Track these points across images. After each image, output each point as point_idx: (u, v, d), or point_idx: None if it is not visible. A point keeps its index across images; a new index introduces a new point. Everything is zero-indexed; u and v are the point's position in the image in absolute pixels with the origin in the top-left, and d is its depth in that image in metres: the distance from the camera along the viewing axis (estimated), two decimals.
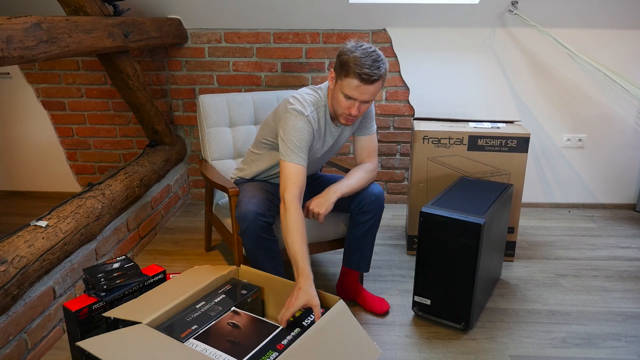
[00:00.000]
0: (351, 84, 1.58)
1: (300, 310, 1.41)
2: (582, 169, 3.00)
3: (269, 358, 1.23)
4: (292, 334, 1.34)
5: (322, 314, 1.38)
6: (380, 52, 1.61)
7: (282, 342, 1.30)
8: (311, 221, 1.91)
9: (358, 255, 1.91)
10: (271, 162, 1.88)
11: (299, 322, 1.40)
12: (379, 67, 1.57)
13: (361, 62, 1.55)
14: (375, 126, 1.90)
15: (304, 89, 1.76)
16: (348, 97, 1.61)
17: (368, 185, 1.85)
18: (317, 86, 1.78)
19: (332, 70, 1.68)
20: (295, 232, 1.53)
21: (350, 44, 1.61)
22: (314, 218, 1.71)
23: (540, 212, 3.01)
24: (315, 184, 1.98)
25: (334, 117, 1.76)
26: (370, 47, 1.60)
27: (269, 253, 1.72)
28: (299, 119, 1.67)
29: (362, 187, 1.83)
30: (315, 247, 1.97)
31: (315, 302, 1.39)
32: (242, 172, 2.00)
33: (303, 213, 1.62)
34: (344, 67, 1.58)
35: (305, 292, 1.40)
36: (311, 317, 1.43)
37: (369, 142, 1.89)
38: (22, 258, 1.54)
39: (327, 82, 1.76)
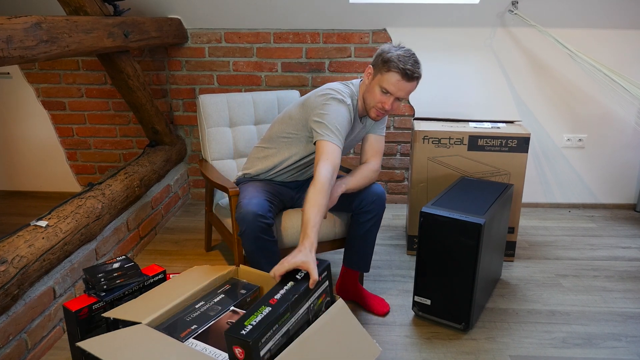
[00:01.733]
0: (392, 79, 1.66)
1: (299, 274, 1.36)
2: (583, 169, 3.00)
3: (261, 313, 1.21)
4: (286, 287, 1.31)
5: (321, 282, 1.35)
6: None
7: (275, 297, 1.27)
8: None
9: (358, 255, 1.91)
10: (289, 153, 1.89)
11: (292, 276, 1.37)
12: (419, 68, 1.69)
13: (405, 59, 1.65)
14: (385, 130, 1.93)
15: (335, 84, 1.82)
16: (385, 92, 1.69)
17: (370, 185, 1.85)
18: (348, 82, 1.85)
19: (369, 66, 1.75)
20: (314, 203, 1.52)
21: (389, 45, 1.72)
22: None
23: (541, 212, 3.01)
24: (304, 182, 1.99)
25: (361, 113, 1.83)
26: (411, 50, 1.71)
27: (268, 254, 1.72)
28: (341, 105, 1.73)
29: (365, 186, 1.84)
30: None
31: (312, 266, 1.34)
32: (248, 169, 1.99)
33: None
34: (386, 62, 1.67)
35: (304, 254, 1.38)
36: (303, 272, 1.38)
37: (377, 141, 1.91)
38: (22, 258, 1.54)
39: (358, 79, 1.85)
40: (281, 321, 1.22)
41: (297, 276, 1.37)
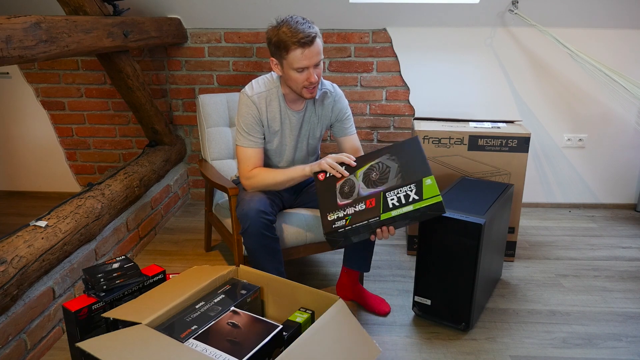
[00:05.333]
0: (296, 56, 1.62)
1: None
2: (583, 169, 3.00)
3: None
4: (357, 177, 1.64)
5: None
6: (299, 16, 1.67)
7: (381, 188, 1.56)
8: (310, 219, 1.92)
9: (358, 255, 1.91)
10: (279, 157, 1.90)
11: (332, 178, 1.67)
12: (310, 26, 1.63)
13: (292, 31, 1.60)
14: (355, 129, 1.94)
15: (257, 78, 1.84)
16: (301, 70, 1.65)
17: None
18: (269, 74, 1.84)
19: (271, 59, 1.71)
20: (271, 172, 1.75)
21: (269, 28, 1.67)
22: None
23: (541, 212, 3.01)
24: (303, 183, 1.99)
25: (295, 100, 1.80)
26: (289, 16, 1.65)
27: (271, 252, 1.72)
28: (242, 101, 1.78)
29: None
30: (314, 247, 1.98)
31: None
32: None
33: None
34: (280, 46, 1.63)
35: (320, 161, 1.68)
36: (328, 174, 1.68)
37: (354, 140, 1.92)
38: (21, 258, 1.54)
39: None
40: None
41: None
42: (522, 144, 2.21)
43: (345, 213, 1.55)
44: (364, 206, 1.54)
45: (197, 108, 2.26)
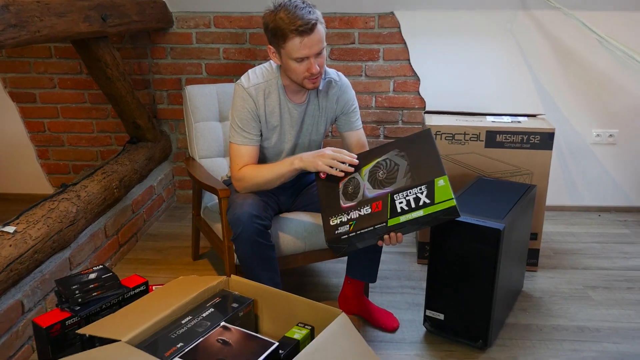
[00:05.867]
0: (295, 45, 1.61)
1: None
2: (614, 168, 3.00)
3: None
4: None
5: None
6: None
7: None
8: (309, 224, 1.91)
9: (363, 264, 1.90)
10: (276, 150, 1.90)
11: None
12: (310, 11, 1.61)
13: (290, 18, 1.58)
14: (361, 123, 1.94)
15: (254, 68, 1.83)
16: (300, 60, 1.64)
17: None
18: (267, 63, 1.83)
19: (269, 46, 1.71)
20: (259, 170, 1.76)
21: (266, 13, 1.65)
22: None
23: (567, 216, 3.01)
24: (301, 183, 2.00)
25: (296, 92, 1.80)
26: (287, 2, 1.62)
27: (265, 260, 1.72)
28: (237, 94, 1.78)
29: None
30: (314, 255, 1.97)
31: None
32: None
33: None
34: (277, 34, 1.62)
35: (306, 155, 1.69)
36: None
37: (359, 136, 1.92)
38: None
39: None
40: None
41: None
42: (545, 140, 2.20)
43: (349, 217, 1.55)
44: (369, 209, 1.54)
45: (184, 100, 2.26)
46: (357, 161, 1.64)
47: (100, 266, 1.73)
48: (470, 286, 1.77)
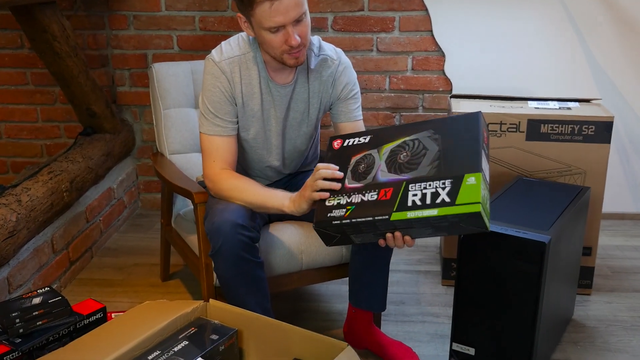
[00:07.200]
0: (264, 11, 1.59)
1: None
2: None
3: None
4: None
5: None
6: None
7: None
8: (306, 236, 1.92)
9: (368, 290, 1.90)
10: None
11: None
12: None
13: None
14: (361, 114, 1.93)
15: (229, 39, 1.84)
16: (275, 30, 1.63)
17: None
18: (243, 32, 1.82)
19: (239, 15, 1.71)
20: (246, 185, 1.74)
21: None
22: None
23: (628, 226, 3.01)
24: (295, 181, 2.01)
25: (280, 69, 1.79)
26: None
27: (252, 281, 1.72)
28: (207, 70, 1.78)
29: None
30: (312, 275, 1.98)
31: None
32: None
33: None
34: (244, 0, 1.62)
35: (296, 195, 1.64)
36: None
37: (358, 128, 1.91)
38: None
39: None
40: None
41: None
42: (602, 131, 2.21)
43: (349, 200, 1.52)
44: (375, 196, 1.51)
45: (151, 82, 2.26)
46: (341, 174, 1.60)
47: (47, 288, 1.73)
48: (507, 313, 1.77)
